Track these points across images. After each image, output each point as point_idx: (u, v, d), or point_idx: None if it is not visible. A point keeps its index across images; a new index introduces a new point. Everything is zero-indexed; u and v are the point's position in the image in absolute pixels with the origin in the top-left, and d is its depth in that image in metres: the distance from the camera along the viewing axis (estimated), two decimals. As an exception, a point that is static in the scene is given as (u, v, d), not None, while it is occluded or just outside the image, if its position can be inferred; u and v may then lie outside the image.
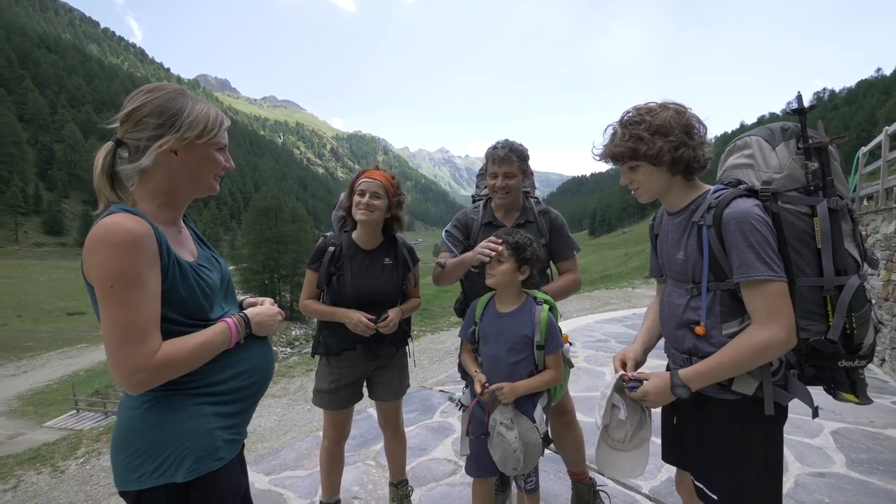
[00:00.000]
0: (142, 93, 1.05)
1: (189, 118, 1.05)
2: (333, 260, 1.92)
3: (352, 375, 2.00)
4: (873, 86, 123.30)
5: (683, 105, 1.24)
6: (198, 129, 1.06)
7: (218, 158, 1.13)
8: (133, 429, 1.01)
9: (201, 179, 1.12)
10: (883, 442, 2.96)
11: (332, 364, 1.99)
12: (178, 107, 1.05)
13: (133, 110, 1.02)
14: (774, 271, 1.10)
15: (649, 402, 1.30)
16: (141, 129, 1.02)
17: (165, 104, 1.04)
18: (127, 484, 1.00)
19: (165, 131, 1.03)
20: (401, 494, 2.22)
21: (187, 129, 1.04)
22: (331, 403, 2.00)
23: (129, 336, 0.92)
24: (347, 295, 1.90)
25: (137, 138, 1.02)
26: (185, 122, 1.04)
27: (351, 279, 1.91)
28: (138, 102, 1.03)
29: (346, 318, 1.86)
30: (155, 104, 1.03)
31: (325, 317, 1.94)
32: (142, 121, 1.02)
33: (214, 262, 1.19)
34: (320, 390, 2.01)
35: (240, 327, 1.10)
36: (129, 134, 1.02)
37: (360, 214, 1.89)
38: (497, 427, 1.61)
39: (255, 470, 2.81)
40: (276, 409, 5.97)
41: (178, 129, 1.03)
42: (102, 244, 0.91)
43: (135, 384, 0.94)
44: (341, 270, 1.92)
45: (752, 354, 1.13)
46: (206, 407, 1.05)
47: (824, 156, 1.16)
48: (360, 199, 1.89)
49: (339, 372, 1.98)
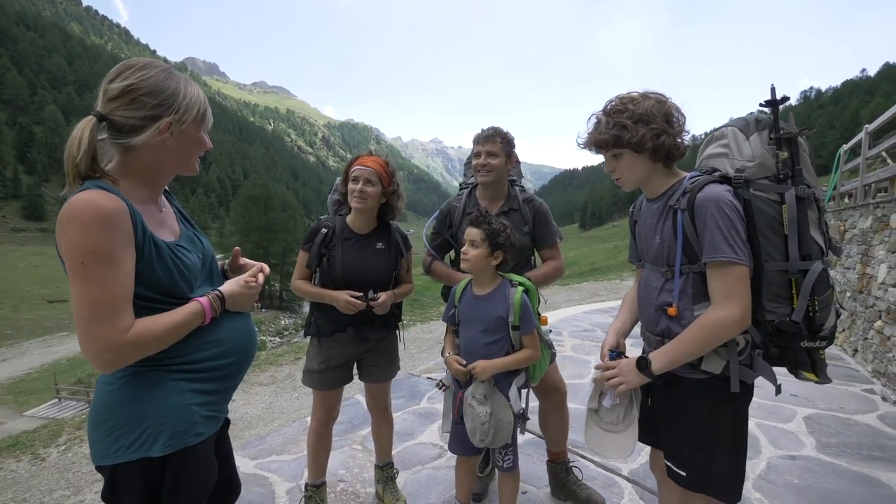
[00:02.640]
0: (133, 69, 1.01)
1: (185, 100, 1.05)
2: (325, 241, 1.94)
3: (342, 357, 2.03)
4: (858, 86, 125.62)
5: (663, 95, 1.29)
6: (193, 111, 1.06)
7: (205, 140, 1.14)
8: (110, 404, 1.01)
9: (188, 161, 1.13)
10: (852, 427, 3.08)
11: (323, 345, 2.01)
12: (173, 87, 1.03)
13: (129, 88, 0.99)
14: (737, 254, 1.16)
15: (623, 382, 1.35)
16: (136, 107, 0.99)
17: (161, 84, 1.02)
18: (103, 458, 1.00)
19: (163, 112, 1.01)
20: (386, 476, 2.25)
21: (185, 112, 1.04)
22: (320, 383, 2.02)
23: (101, 313, 0.91)
24: (336, 275, 1.92)
25: (129, 116, 0.99)
26: (182, 104, 1.04)
27: (340, 260, 1.92)
28: (133, 80, 0.99)
29: (334, 299, 1.88)
30: (151, 83, 1.01)
31: (315, 298, 1.96)
32: (138, 99, 0.99)
33: (196, 242, 1.18)
34: (310, 370, 2.03)
35: (214, 305, 1.10)
36: (120, 111, 0.99)
37: (354, 202, 1.91)
38: (469, 401, 1.70)
39: (240, 455, 2.82)
40: (264, 397, 5.96)
41: (176, 110, 1.03)
42: (74, 220, 0.90)
43: (106, 362, 0.94)
44: (332, 252, 1.93)
45: (709, 333, 1.19)
46: (183, 383, 1.05)
47: (794, 146, 1.22)
48: (353, 186, 1.90)
49: (330, 353, 2.00)
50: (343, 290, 1.89)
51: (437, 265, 2.21)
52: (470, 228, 1.74)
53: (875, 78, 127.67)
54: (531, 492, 2.31)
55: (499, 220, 1.76)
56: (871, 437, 2.93)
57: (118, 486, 1.01)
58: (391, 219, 2.07)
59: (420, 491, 2.36)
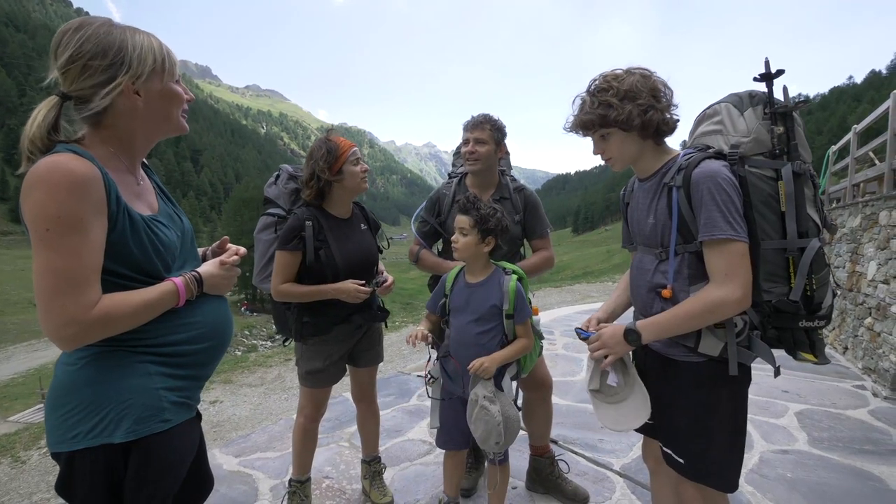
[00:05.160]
0: (69, 33, 0.91)
1: (136, 51, 0.94)
2: (315, 234, 1.81)
3: (342, 349, 1.97)
4: (845, 93, 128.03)
5: (648, 69, 1.25)
6: (148, 61, 0.96)
7: (179, 91, 1.04)
8: (70, 385, 0.93)
9: (170, 117, 1.04)
10: (843, 422, 3.08)
11: (325, 342, 1.93)
12: (118, 41, 0.93)
13: (73, 56, 0.89)
14: (737, 231, 1.12)
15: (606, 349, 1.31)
16: (88, 75, 0.90)
17: (104, 41, 0.91)
18: (60, 444, 0.92)
19: (116, 72, 0.92)
20: (373, 471, 2.19)
21: (139, 65, 0.94)
22: (324, 380, 1.95)
23: (65, 285, 0.84)
24: (336, 266, 1.83)
25: (86, 88, 0.91)
26: (133, 56, 0.93)
27: (338, 249, 1.84)
28: (73, 46, 0.90)
29: (338, 291, 1.80)
30: (93, 44, 0.90)
31: (312, 297, 1.82)
32: (86, 66, 0.90)
33: (175, 219, 1.11)
34: (314, 370, 1.92)
35: (189, 286, 1.02)
36: (76, 84, 0.91)
37: (364, 183, 1.91)
38: (480, 401, 1.58)
39: (224, 452, 2.74)
40: (252, 398, 5.86)
41: (128, 65, 0.93)
42: (41, 183, 0.83)
43: (66, 338, 0.86)
44: (325, 243, 1.84)
45: (706, 310, 1.15)
46: (150, 366, 0.97)
47: (789, 121, 1.18)
48: (356, 168, 1.85)
49: (332, 348, 1.94)
50: (345, 280, 1.81)
51: (425, 254, 2.16)
52: (459, 216, 1.68)
53: (862, 85, 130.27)
54: (521, 487, 2.26)
55: (488, 205, 1.70)
56: (862, 432, 2.92)
57: (75, 475, 0.93)
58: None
59: (408, 487, 2.30)
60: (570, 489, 2.14)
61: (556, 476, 2.18)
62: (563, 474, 2.20)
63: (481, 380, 1.61)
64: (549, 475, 2.18)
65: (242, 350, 23.85)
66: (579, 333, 1.41)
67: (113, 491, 0.95)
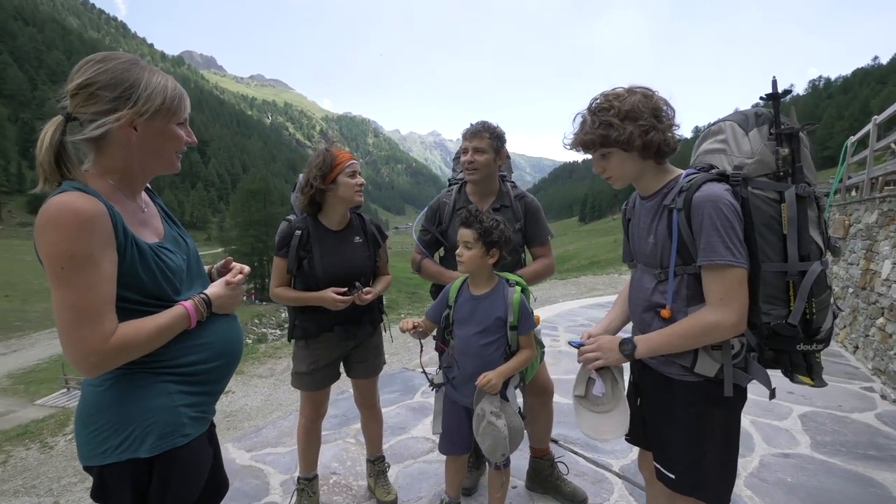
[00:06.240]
0: (91, 63, 0.98)
1: (146, 91, 0.99)
2: (301, 244, 1.90)
3: (329, 356, 2.02)
4: (869, 74, 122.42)
5: (650, 89, 1.24)
6: (156, 102, 1.00)
7: (179, 133, 1.08)
8: (97, 405, 1.00)
9: (162, 156, 1.08)
10: (848, 425, 3.06)
11: (310, 346, 1.99)
12: (133, 78, 0.98)
13: (84, 83, 0.95)
14: (735, 257, 1.12)
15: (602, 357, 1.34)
16: (94, 102, 0.95)
17: (119, 76, 0.97)
18: (91, 459, 1.00)
19: (121, 105, 0.97)
20: (377, 470, 2.26)
21: (145, 103, 0.99)
22: (309, 384, 2.01)
23: (83, 318, 0.90)
24: (317, 276, 1.89)
25: (89, 113, 0.96)
26: (141, 95, 0.98)
27: (320, 260, 1.90)
28: (89, 74, 0.96)
29: (319, 299, 1.86)
30: (108, 76, 0.96)
31: (299, 302, 1.92)
32: (94, 94, 0.95)
33: (180, 243, 1.17)
34: (299, 372, 2.02)
35: (199, 309, 1.08)
36: (81, 108, 0.96)
37: (359, 196, 1.92)
38: (487, 416, 1.62)
39: (236, 447, 2.83)
40: (263, 389, 6.00)
41: (134, 102, 0.98)
42: (52, 224, 0.88)
43: (90, 367, 0.93)
44: (310, 253, 1.90)
45: (700, 332, 1.16)
46: (170, 385, 1.04)
47: (795, 142, 1.17)
48: (352, 180, 1.88)
49: (318, 353, 1.99)
50: (327, 289, 1.86)
51: (427, 263, 2.19)
52: (462, 229, 1.70)
53: (887, 66, 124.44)
54: (521, 486, 2.31)
55: (490, 217, 1.71)
56: (867, 436, 2.90)
57: (107, 486, 1.02)
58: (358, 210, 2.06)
59: (411, 484, 2.37)
60: (568, 490, 2.19)
61: (555, 477, 2.22)
62: (563, 476, 2.24)
63: (487, 394, 1.65)
64: (548, 476, 2.23)
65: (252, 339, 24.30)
66: (573, 344, 1.45)
67: (141, 499, 1.03)
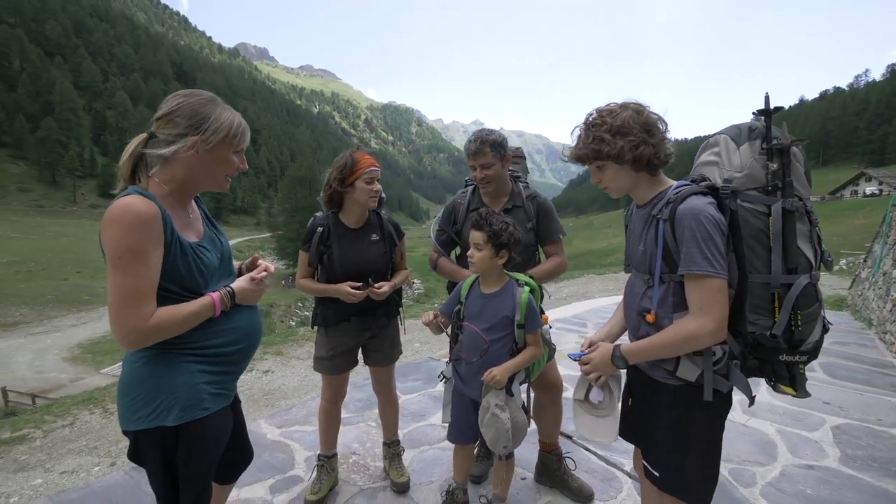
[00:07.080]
0: (178, 96, 1.23)
1: (215, 124, 1.22)
2: (322, 240, 2.08)
3: (347, 344, 2.19)
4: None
5: (642, 104, 1.28)
6: (220, 134, 1.23)
7: (233, 161, 1.30)
8: (133, 379, 1.20)
9: (214, 177, 1.29)
10: (885, 440, 2.90)
11: (330, 334, 2.18)
12: (206, 112, 1.22)
13: (169, 111, 1.20)
14: (714, 268, 1.16)
15: (595, 369, 1.42)
16: (172, 126, 1.19)
17: (197, 109, 1.21)
18: (128, 424, 1.20)
19: (191, 132, 1.20)
20: (392, 453, 2.43)
21: (211, 134, 1.21)
22: (328, 368, 2.20)
23: (129, 300, 1.09)
24: (336, 270, 2.07)
25: (167, 134, 1.19)
26: (210, 126, 1.21)
27: (338, 255, 2.07)
28: (174, 105, 1.20)
29: (336, 292, 2.04)
30: (188, 108, 1.20)
31: (319, 293, 2.12)
32: (173, 120, 1.19)
33: (217, 243, 1.37)
34: (319, 357, 2.22)
35: (224, 300, 1.27)
36: (161, 129, 1.20)
37: (372, 202, 2.07)
38: (491, 409, 1.73)
39: (268, 423, 3.12)
40: (300, 371, 6.40)
41: (202, 131, 1.20)
42: (117, 222, 1.09)
43: (130, 342, 1.12)
44: (330, 249, 2.08)
45: (681, 340, 1.21)
46: (193, 365, 1.23)
47: (786, 157, 1.19)
48: (370, 186, 2.03)
49: (336, 341, 2.18)
50: (344, 283, 2.03)
51: (443, 261, 2.31)
52: (473, 231, 1.79)
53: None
54: (530, 478, 2.40)
55: (500, 220, 1.79)
56: (905, 453, 2.75)
57: (140, 448, 1.22)
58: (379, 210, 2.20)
59: (424, 469, 2.52)
60: (575, 485, 2.25)
61: (562, 472, 2.30)
62: (570, 471, 2.31)
63: (493, 388, 1.75)
64: (555, 471, 2.30)
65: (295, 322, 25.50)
66: (572, 357, 1.53)
67: (168, 462, 1.23)
